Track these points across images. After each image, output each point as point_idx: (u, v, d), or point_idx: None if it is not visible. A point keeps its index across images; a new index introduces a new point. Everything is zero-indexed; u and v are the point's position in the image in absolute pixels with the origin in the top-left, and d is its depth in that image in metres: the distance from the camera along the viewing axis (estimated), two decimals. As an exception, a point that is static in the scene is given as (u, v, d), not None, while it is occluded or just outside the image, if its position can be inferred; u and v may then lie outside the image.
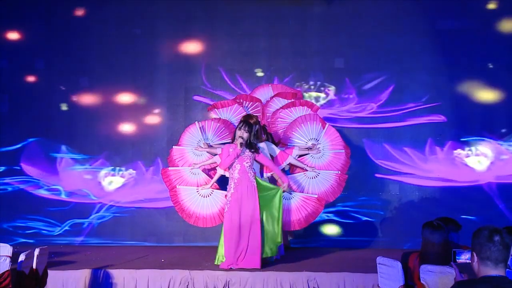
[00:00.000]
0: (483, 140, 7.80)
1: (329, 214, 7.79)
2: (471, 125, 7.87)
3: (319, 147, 6.45)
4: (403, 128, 7.92)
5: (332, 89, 7.99)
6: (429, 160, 7.85)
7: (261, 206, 5.80)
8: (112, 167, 8.17)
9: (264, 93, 7.15)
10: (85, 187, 8.16)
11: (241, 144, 5.79)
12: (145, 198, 8.06)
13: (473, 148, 7.81)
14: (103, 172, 8.16)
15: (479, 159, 7.77)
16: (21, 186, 8.18)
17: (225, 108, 6.68)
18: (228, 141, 6.29)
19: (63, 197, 8.14)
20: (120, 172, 8.16)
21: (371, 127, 7.94)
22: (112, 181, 8.17)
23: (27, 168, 8.20)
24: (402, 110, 7.91)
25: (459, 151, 7.83)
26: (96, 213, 8.11)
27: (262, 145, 6.15)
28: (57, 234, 8.10)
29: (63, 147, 8.22)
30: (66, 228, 8.12)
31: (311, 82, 8.02)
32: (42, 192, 8.17)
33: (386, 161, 7.89)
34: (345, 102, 7.98)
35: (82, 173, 8.20)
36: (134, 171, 8.14)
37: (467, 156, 7.81)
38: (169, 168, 6.52)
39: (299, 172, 6.44)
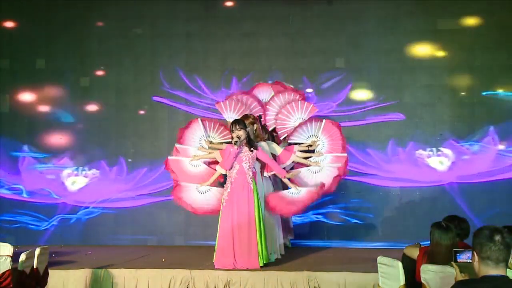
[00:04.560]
0: (447, 141, 7.78)
1: (318, 216, 7.79)
2: (438, 125, 7.87)
3: (319, 144, 6.42)
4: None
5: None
6: (392, 161, 7.83)
7: (260, 208, 5.83)
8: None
9: (262, 91, 7.16)
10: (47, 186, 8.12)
11: (236, 142, 5.77)
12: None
13: (434, 149, 7.79)
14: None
15: (441, 160, 7.74)
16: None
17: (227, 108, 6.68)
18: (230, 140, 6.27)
19: (24, 196, 8.13)
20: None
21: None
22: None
23: None
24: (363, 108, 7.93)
25: (420, 151, 7.81)
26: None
27: (263, 144, 6.14)
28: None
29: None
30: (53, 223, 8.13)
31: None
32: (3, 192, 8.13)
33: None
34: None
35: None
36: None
37: (429, 156, 7.78)
38: (169, 158, 6.55)
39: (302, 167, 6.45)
